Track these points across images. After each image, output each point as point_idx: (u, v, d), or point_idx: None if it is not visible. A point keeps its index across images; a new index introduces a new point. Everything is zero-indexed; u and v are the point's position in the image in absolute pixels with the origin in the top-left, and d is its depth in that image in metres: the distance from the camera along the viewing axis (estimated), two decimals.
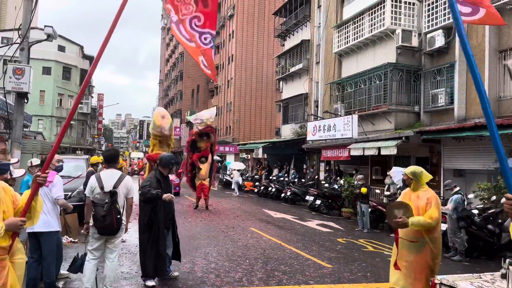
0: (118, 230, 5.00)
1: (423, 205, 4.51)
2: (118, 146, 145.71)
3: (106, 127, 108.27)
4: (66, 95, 41.16)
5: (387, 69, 15.50)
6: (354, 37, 17.80)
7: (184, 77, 56.87)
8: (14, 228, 2.77)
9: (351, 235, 10.90)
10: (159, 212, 5.66)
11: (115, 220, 4.85)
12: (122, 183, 5.11)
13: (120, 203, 5.03)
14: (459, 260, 8.46)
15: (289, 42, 26.83)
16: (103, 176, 5.10)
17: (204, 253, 7.93)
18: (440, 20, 14.21)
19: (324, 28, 21.29)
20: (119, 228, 4.98)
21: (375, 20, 16.33)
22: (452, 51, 13.79)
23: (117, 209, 4.90)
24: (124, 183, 5.14)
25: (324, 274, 6.76)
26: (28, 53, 7.72)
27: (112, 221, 4.84)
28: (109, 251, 5.09)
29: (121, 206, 5.04)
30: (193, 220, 12.12)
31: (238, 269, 6.85)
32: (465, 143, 12.52)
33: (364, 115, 16.82)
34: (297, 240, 9.75)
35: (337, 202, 15.72)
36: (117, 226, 4.92)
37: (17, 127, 7.61)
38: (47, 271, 5.01)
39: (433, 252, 4.47)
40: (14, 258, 2.94)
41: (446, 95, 14.05)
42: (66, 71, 41.12)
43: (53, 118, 39.75)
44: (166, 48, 74.01)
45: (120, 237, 5.18)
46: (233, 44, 45.50)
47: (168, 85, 70.79)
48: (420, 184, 4.72)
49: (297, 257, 7.92)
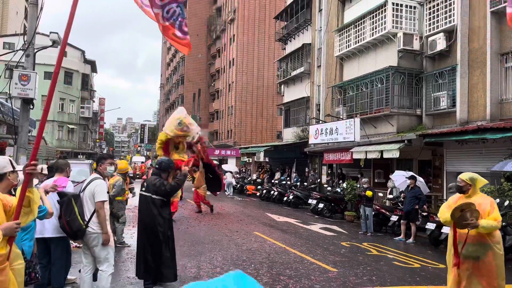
0: (76, 235, 4.74)
1: (487, 209, 4.49)
2: (119, 150, 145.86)
3: (107, 131, 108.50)
4: (67, 100, 41.28)
5: (389, 72, 15.55)
6: (355, 40, 17.86)
7: (185, 81, 57.00)
8: (10, 232, 2.70)
9: (355, 239, 10.91)
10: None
11: (65, 223, 4.64)
12: (88, 187, 4.87)
13: (88, 209, 4.80)
14: None
15: (290, 45, 26.91)
16: (86, 181, 5.07)
17: (209, 257, 7.95)
18: (441, 23, 14.26)
19: (325, 32, 21.36)
20: (75, 232, 4.68)
21: (376, 23, 16.39)
22: (454, 54, 13.84)
23: (70, 211, 4.64)
24: (90, 187, 4.86)
25: (329, 278, 6.77)
26: (34, 59, 7.78)
27: (63, 224, 4.67)
28: (97, 261, 4.87)
29: (90, 211, 4.79)
30: (196, 225, 12.15)
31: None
32: (468, 146, 12.54)
33: (366, 118, 16.86)
34: (301, 244, 9.76)
35: (340, 205, 15.73)
36: (71, 230, 4.65)
37: (23, 133, 7.65)
38: (55, 277, 5.05)
39: (498, 255, 4.46)
40: (13, 265, 2.88)
41: (448, 98, 14.09)
42: (67, 75, 41.28)
43: (55, 123, 39.85)
44: (167, 52, 74.20)
45: (98, 246, 4.80)
46: (234, 48, 45.62)
47: (169, 89, 70.94)
48: (475, 190, 4.71)
49: (302, 261, 7.94)
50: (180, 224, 12.05)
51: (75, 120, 42.41)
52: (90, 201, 4.81)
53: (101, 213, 4.77)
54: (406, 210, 11.01)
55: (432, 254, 9.34)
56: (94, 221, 4.79)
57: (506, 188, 9.94)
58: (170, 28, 4.30)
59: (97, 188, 4.82)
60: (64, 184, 5.23)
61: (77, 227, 4.63)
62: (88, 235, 4.73)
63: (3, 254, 2.68)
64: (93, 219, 4.79)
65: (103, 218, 4.82)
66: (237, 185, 26.56)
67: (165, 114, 73.41)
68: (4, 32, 43.32)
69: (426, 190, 11.79)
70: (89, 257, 4.89)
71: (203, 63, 57.85)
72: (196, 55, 57.12)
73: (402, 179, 12.06)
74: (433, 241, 10.29)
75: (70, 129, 41.78)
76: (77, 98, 42.47)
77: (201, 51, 57.87)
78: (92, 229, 4.75)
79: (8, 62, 9.37)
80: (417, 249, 9.98)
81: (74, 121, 42.21)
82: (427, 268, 7.86)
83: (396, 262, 8.28)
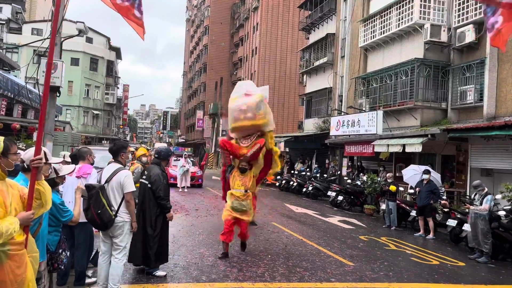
0: (106, 226, 4.77)
1: None
2: (142, 136, 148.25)
3: (131, 118, 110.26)
4: (93, 86, 42.11)
5: (414, 65, 15.20)
6: (380, 31, 17.49)
7: (208, 69, 57.16)
8: (26, 222, 2.81)
9: (373, 233, 10.85)
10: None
11: (95, 215, 4.67)
12: (115, 178, 4.91)
13: (114, 199, 4.89)
14: (485, 262, 8.30)
15: (314, 35, 26.58)
16: (105, 170, 5.12)
17: None
18: (471, 15, 13.80)
19: (350, 22, 20.99)
20: (105, 224, 4.74)
21: (403, 14, 15.99)
22: (483, 47, 13.40)
23: (99, 204, 4.69)
24: (117, 177, 4.90)
25: (345, 272, 6.78)
26: (61, 47, 7.96)
27: (92, 215, 4.69)
28: (113, 248, 4.96)
29: (116, 202, 4.89)
30: (216, 213, 12.29)
31: (260, 264, 6.95)
32: (494, 142, 12.20)
33: (389, 111, 16.58)
34: (318, 236, 9.77)
35: (360, 198, 15.62)
36: (101, 221, 4.71)
37: (50, 120, 7.87)
38: (79, 260, 5.22)
39: None
40: (29, 254, 2.96)
41: (475, 92, 13.69)
42: (93, 62, 42.04)
43: (81, 108, 40.78)
44: (191, 40, 74.44)
45: (123, 234, 4.92)
46: (257, 36, 45.38)
47: (191, 77, 71.31)
48: None
49: (319, 254, 7.96)
50: (199, 212, 12.23)
51: (99, 106, 43.26)
52: (117, 192, 4.92)
53: (131, 203, 4.97)
54: (421, 205, 10.87)
55: (452, 251, 9.21)
56: (122, 210, 4.94)
57: None
58: (129, 9, 4.23)
59: (126, 179, 4.94)
60: (89, 171, 5.38)
61: (107, 219, 4.76)
62: (114, 224, 4.87)
63: (21, 242, 2.80)
64: (121, 208, 4.94)
65: (133, 207, 5.06)
66: None
67: (187, 102, 74.04)
68: (32, 18, 44.34)
69: (439, 184, 11.67)
70: (108, 245, 5.03)
71: (226, 51, 57.82)
72: (219, 43, 57.15)
73: (411, 173, 11.91)
74: (454, 238, 10.13)
75: (94, 115, 42.66)
76: (102, 84, 43.24)
77: (224, 39, 57.84)
78: (121, 217, 4.90)
79: (37, 49, 9.59)
80: (437, 245, 9.85)
81: (99, 107, 43.07)
82: (445, 266, 7.77)
83: (414, 258, 8.21)
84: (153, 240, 5.77)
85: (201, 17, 64.41)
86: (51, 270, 3.92)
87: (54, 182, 3.89)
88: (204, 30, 60.58)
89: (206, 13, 60.06)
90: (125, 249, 4.99)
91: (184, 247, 7.79)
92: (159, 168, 6.02)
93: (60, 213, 3.84)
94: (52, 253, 3.90)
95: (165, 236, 6.04)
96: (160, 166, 6.07)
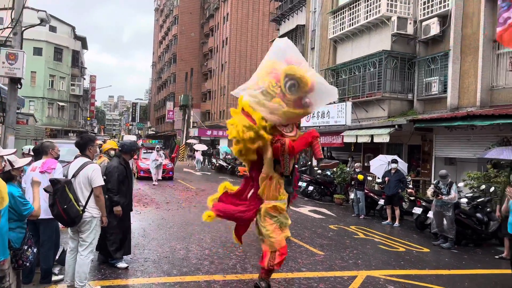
0: (74, 222, 4.64)
1: None
2: (110, 128, 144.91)
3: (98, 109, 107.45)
4: (57, 77, 40.66)
5: (382, 57, 15.51)
6: (349, 23, 17.72)
7: (178, 60, 56.33)
8: None
9: (343, 222, 11.08)
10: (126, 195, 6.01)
11: (61, 211, 4.52)
12: (82, 172, 4.78)
13: (82, 194, 4.76)
14: (448, 248, 8.65)
15: (284, 26, 26.61)
16: (72, 164, 5.00)
17: (198, 239, 8.04)
18: (435, 8, 14.19)
19: (320, 14, 21.12)
20: (73, 219, 4.61)
21: (371, 6, 16.24)
22: (447, 40, 13.81)
23: (65, 199, 4.55)
24: (84, 172, 4.77)
25: (316, 262, 6.90)
26: (21, 37, 7.62)
27: (59, 211, 4.54)
28: (79, 244, 4.84)
29: (84, 196, 4.76)
30: (186, 206, 12.22)
31: (231, 256, 6.97)
32: (457, 132, 12.65)
33: (358, 102, 16.88)
34: (289, 226, 9.86)
35: (330, 188, 15.89)
36: (68, 217, 4.56)
37: (11, 113, 7.56)
38: (44, 258, 5.07)
39: None
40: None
41: (439, 84, 14.13)
42: (57, 52, 40.53)
43: (45, 100, 39.35)
44: (160, 30, 73.04)
45: (90, 230, 4.80)
46: (227, 27, 45.02)
47: (161, 68, 70.13)
48: None
49: (290, 244, 8.04)
50: (170, 205, 12.12)
51: (65, 97, 41.88)
52: (85, 186, 4.80)
53: (101, 198, 4.86)
54: (390, 194, 11.16)
55: (417, 238, 9.54)
56: (91, 205, 4.82)
57: (492, 175, 10.11)
58: None
59: (94, 173, 4.81)
60: (53, 166, 5.20)
61: (74, 214, 4.62)
62: (82, 219, 4.75)
63: None
64: (90, 203, 4.81)
65: (103, 202, 4.93)
66: (228, 166, 26.66)
67: (157, 93, 72.81)
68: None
69: (405, 172, 12.10)
70: (76, 242, 4.91)
71: (196, 42, 57.10)
72: (189, 33, 56.33)
73: (377, 164, 12.26)
74: (419, 225, 10.49)
75: (60, 107, 41.28)
76: (68, 75, 41.84)
77: (194, 30, 57.07)
78: (89, 213, 4.78)
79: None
80: (403, 233, 10.17)
81: (64, 98, 41.68)
82: (411, 252, 8.05)
83: (382, 245, 8.45)
84: (109, 232, 5.75)
85: (170, 7, 63.22)
86: (15, 268, 3.80)
87: (11, 175, 3.77)
88: (174, 20, 59.55)
89: (175, 2, 58.99)
90: (91, 245, 4.86)
91: (154, 241, 7.70)
92: (118, 161, 6.02)
93: (19, 206, 3.70)
94: (16, 250, 3.77)
95: (124, 228, 6.02)
96: (120, 159, 6.06)
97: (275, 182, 5.28)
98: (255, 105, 5.11)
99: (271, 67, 5.33)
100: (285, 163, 5.19)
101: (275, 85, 5.08)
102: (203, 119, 50.64)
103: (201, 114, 52.33)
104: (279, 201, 5.31)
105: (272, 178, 5.28)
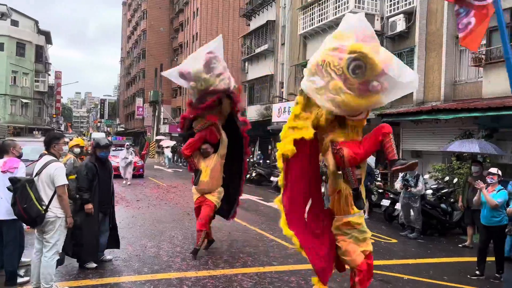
0: (36, 222, 4.53)
1: None
2: (78, 126, 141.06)
3: (65, 106, 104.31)
4: (20, 72, 39.11)
5: None
6: (318, 19, 17.89)
7: (147, 56, 55.34)
8: None
9: None
10: (94, 195, 5.76)
11: (22, 210, 4.42)
12: (45, 171, 4.66)
13: (45, 192, 4.63)
14: (415, 238, 8.92)
15: (255, 22, 26.60)
16: (37, 163, 4.89)
17: (170, 236, 7.96)
18: (401, 5, 14.52)
19: (290, 9, 21.24)
20: (34, 219, 4.49)
21: (340, 2, 16.45)
22: (412, 36, 14.18)
23: (25, 198, 4.42)
24: (47, 170, 4.65)
25: (287, 255, 6.98)
26: None
27: (19, 210, 4.44)
28: (43, 245, 4.71)
29: (47, 195, 4.63)
30: (157, 203, 12.06)
31: (203, 252, 6.94)
32: (422, 125, 13.06)
33: None
34: (261, 221, 9.94)
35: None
36: (29, 216, 4.45)
37: None
38: (8, 260, 4.91)
39: None
40: None
41: None
42: (20, 47, 38.94)
43: (7, 97, 37.78)
44: (128, 25, 71.43)
45: (54, 230, 4.66)
46: (197, 22, 44.58)
47: (130, 63, 68.66)
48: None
49: (262, 239, 8.11)
50: (140, 203, 11.93)
51: (29, 94, 40.35)
52: (48, 185, 4.67)
53: (64, 198, 4.72)
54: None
55: (385, 230, 9.80)
56: (54, 205, 4.68)
57: (456, 167, 10.49)
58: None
59: (57, 171, 4.68)
60: (16, 165, 5.03)
61: (36, 213, 4.48)
62: (45, 220, 4.61)
63: None
64: (53, 203, 4.67)
65: (67, 202, 4.79)
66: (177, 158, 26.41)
67: (126, 89, 71.31)
68: None
69: (372, 165, 12.37)
70: (42, 243, 4.77)
71: (166, 37, 56.22)
72: (158, 28, 55.39)
73: None
74: (387, 217, 10.76)
75: (23, 104, 39.75)
76: (31, 71, 40.30)
77: (163, 25, 56.17)
78: (52, 212, 4.65)
79: None
80: (372, 224, 10.38)
81: (28, 95, 40.15)
82: (379, 243, 8.25)
83: None
84: (77, 232, 5.58)
85: (138, 1, 61.93)
86: None
87: None
88: (142, 15, 58.41)
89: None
90: (55, 246, 4.71)
91: (124, 240, 7.54)
92: (88, 159, 5.96)
93: None
94: None
95: (92, 228, 5.80)
96: (92, 157, 5.98)
97: (344, 195, 4.60)
98: (312, 92, 4.26)
99: (339, 42, 4.27)
100: (348, 176, 4.53)
101: (337, 65, 4.07)
102: (173, 115, 50.01)
103: (172, 110, 51.67)
104: (351, 215, 4.57)
105: (340, 191, 4.62)
